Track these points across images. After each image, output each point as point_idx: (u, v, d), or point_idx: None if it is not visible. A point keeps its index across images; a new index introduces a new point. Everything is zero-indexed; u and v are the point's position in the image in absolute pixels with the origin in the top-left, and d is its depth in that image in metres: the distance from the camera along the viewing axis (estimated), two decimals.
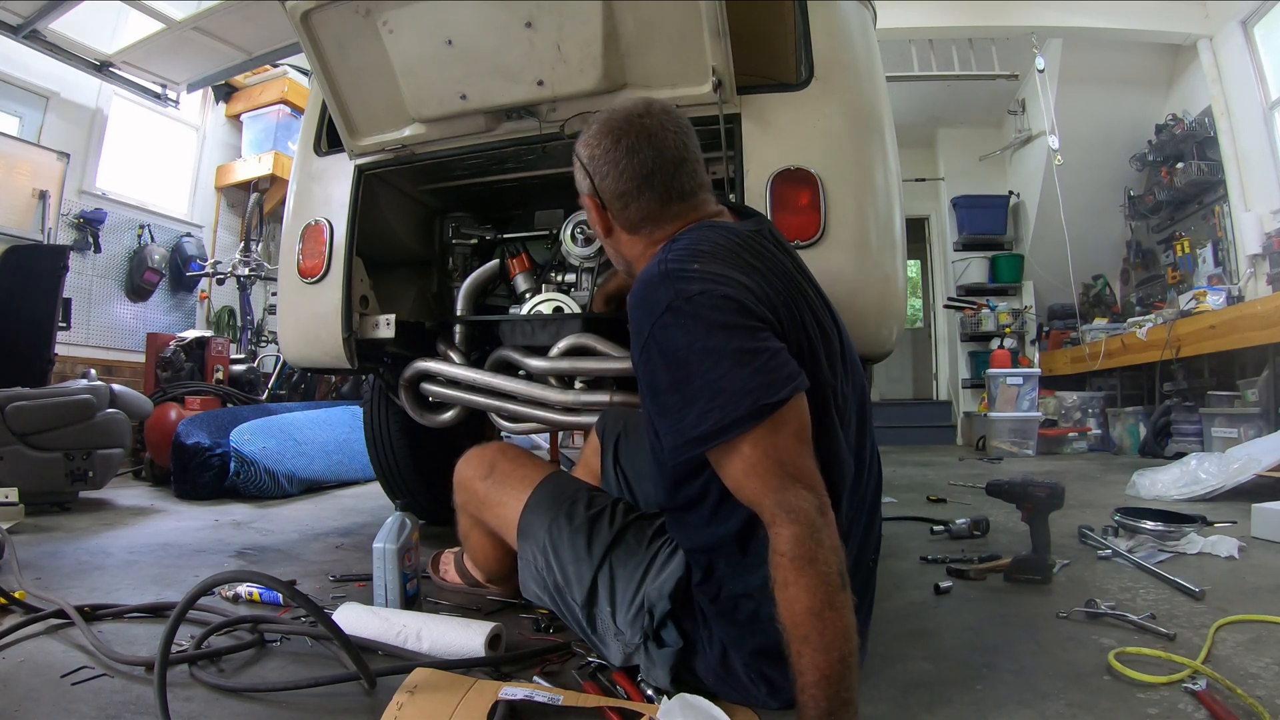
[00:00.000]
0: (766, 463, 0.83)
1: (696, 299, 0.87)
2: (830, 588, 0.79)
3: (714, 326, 0.86)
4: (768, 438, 0.84)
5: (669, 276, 0.91)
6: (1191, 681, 1.02)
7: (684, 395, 0.86)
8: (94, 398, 2.81)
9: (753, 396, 0.83)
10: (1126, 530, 2.05)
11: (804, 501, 0.82)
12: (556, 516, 1.14)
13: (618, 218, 1.07)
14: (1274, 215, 4.44)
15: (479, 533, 1.37)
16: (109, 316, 5.09)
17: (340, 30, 1.61)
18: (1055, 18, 5.03)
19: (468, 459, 1.32)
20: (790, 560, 0.79)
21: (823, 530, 0.81)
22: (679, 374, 0.86)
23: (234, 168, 6.00)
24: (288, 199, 2.02)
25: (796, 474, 0.84)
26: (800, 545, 0.79)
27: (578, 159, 1.09)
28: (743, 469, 0.84)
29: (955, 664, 1.15)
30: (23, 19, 3.98)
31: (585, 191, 1.08)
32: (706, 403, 0.84)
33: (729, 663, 0.98)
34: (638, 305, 0.92)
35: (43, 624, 1.29)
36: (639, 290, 0.94)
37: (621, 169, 1.03)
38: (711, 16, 1.41)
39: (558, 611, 1.16)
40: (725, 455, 0.86)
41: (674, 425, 0.87)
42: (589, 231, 1.85)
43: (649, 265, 0.96)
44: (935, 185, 7.37)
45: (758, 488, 0.84)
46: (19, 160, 4.45)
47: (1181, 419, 4.40)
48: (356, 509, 2.83)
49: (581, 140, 1.08)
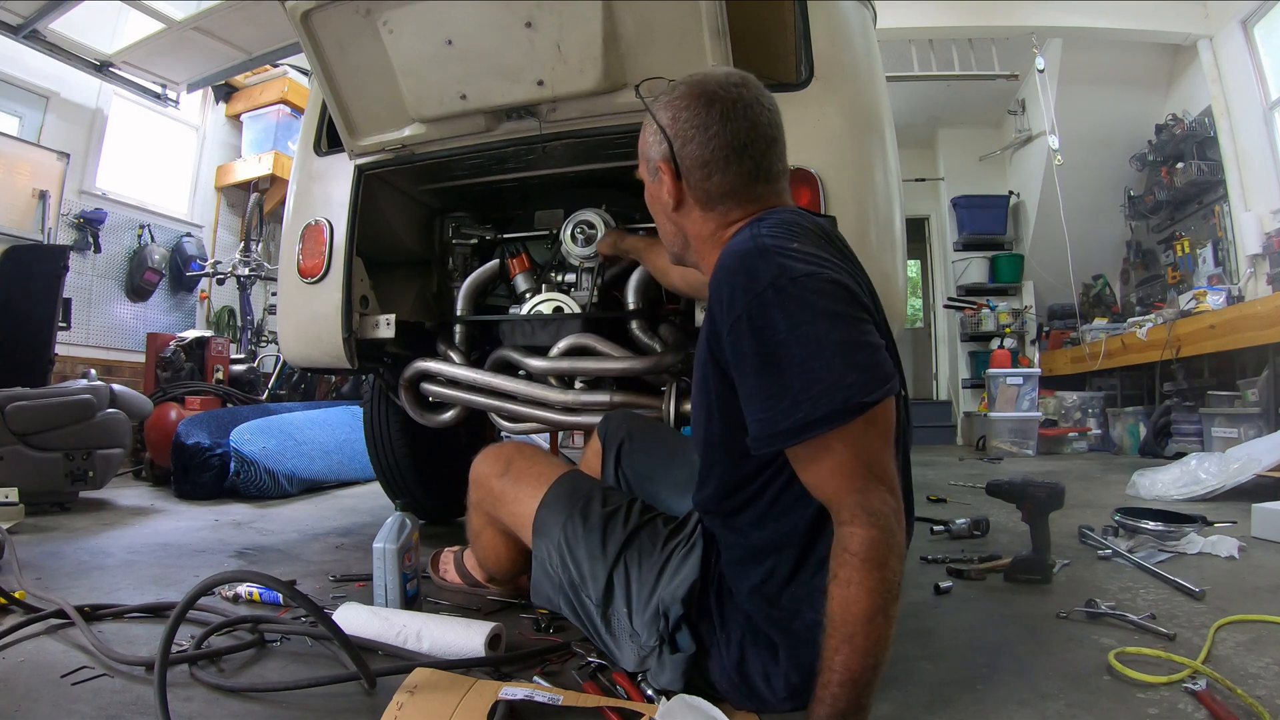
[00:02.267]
0: (854, 462, 0.80)
1: (803, 280, 0.82)
2: (889, 596, 0.78)
3: (819, 313, 0.81)
4: (859, 436, 0.80)
5: (770, 252, 0.84)
6: (1191, 681, 1.02)
7: (777, 382, 0.81)
8: (94, 398, 2.81)
9: (849, 392, 0.79)
10: (1126, 530, 2.05)
11: (884, 505, 0.80)
12: (572, 514, 1.12)
13: (695, 189, 0.99)
14: (1274, 215, 4.44)
15: (492, 531, 1.35)
16: (109, 316, 5.09)
17: (340, 30, 1.61)
18: (1055, 18, 5.03)
19: (484, 456, 1.29)
20: (861, 561, 0.77)
21: (896, 536, 0.79)
22: (774, 359, 0.81)
23: (234, 168, 6.00)
24: (288, 199, 2.02)
25: (880, 475, 0.81)
26: (874, 549, 0.77)
27: (654, 121, 1.00)
28: (830, 466, 0.81)
29: (955, 664, 1.15)
30: (23, 19, 3.98)
31: (658, 157, 1.00)
32: (801, 393, 0.79)
33: (746, 668, 0.96)
34: (730, 277, 0.86)
35: (43, 624, 1.29)
36: (731, 262, 0.87)
37: (711, 135, 0.96)
38: (711, 16, 1.41)
39: (571, 614, 1.14)
40: (812, 450, 0.82)
41: (762, 414, 0.82)
42: (589, 231, 1.85)
43: (740, 239, 0.90)
44: (935, 185, 7.37)
45: (840, 486, 0.81)
46: (19, 160, 4.45)
47: (1181, 419, 4.40)
48: (356, 509, 2.83)
49: (663, 102, 1.00)
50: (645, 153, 1.03)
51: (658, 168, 1.01)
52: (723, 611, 0.99)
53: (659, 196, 1.03)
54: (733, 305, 0.84)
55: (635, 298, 1.80)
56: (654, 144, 1.01)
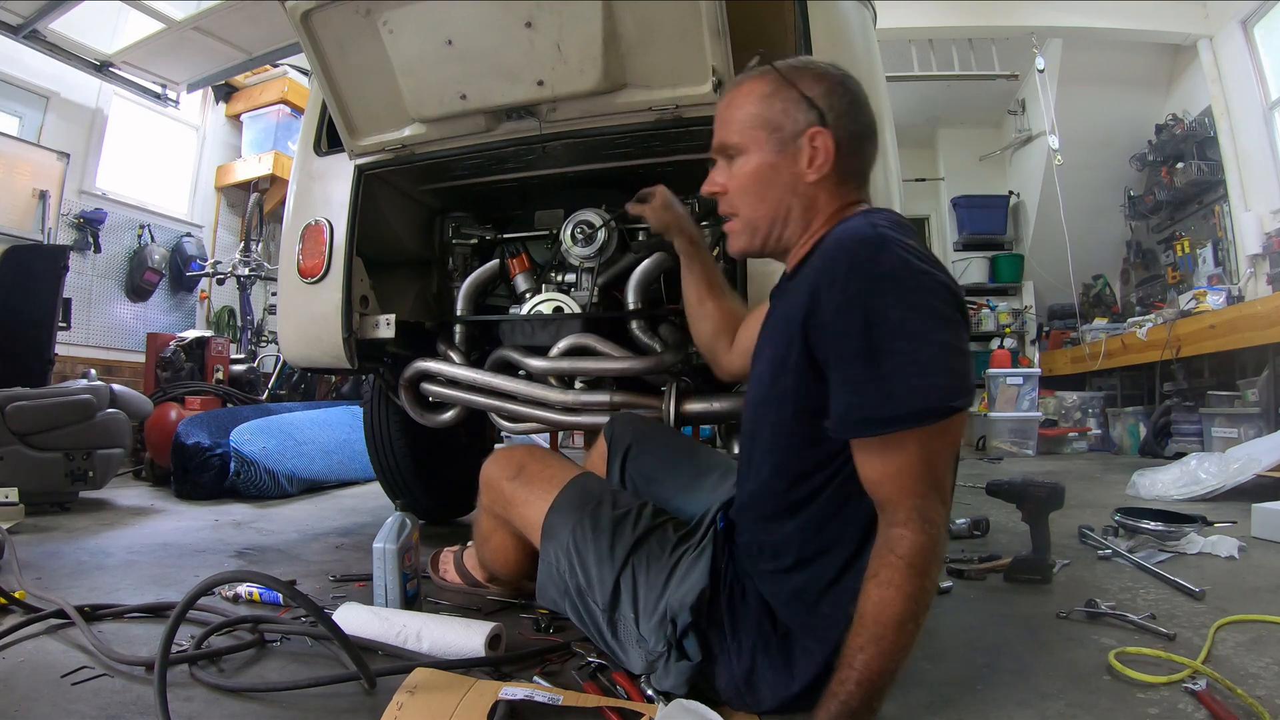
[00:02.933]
0: (921, 466, 0.81)
1: (920, 277, 0.83)
2: (924, 604, 0.79)
3: (928, 311, 0.82)
4: (932, 441, 0.81)
5: (890, 242, 0.84)
6: (1191, 681, 1.02)
7: (875, 370, 0.80)
8: (94, 398, 2.81)
9: (940, 394, 0.80)
10: (1126, 530, 2.05)
11: (938, 514, 0.81)
12: (581, 518, 1.11)
13: (842, 161, 0.97)
14: (1274, 215, 4.44)
15: (503, 534, 1.34)
16: (109, 316, 5.09)
17: (340, 30, 1.61)
18: (1055, 18, 5.03)
19: (495, 459, 1.29)
20: (907, 565, 0.78)
21: (941, 547, 0.80)
22: (878, 345, 0.80)
23: (234, 168, 6.00)
24: (288, 199, 2.02)
25: (939, 485, 0.82)
26: (921, 555, 0.78)
27: (795, 90, 0.97)
28: (898, 465, 0.81)
29: (955, 664, 1.15)
30: (23, 19, 3.98)
31: (802, 125, 0.97)
32: (897, 384, 0.79)
33: (755, 678, 0.96)
34: (848, 256, 0.85)
35: (43, 624, 1.29)
36: (850, 244, 0.86)
37: (857, 114, 0.98)
38: (711, 16, 1.41)
39: (576, 618, 1.13)
40: (886, 444, 0.82)
41: (853, 397, 0.82)
42: (589, 231, 1.85)
43: (856, 224, 0.89)
44: (935, 185, 7.37)
45: (903, 487, 0.81)
46: (19, 160, 4.45)
47: (1181, 419, 4.40)
48: (356, 509, 2.83)
49: (801, 76, 0.98)
50: (772, 122, 0.98)
51: (797, 136, 0.97)
52: (735, 619, 0.98)
53: (786, 168, 0.98)
54: (846, 285, 0.83)
55: (635, 298, 1.80)
56: (793, 113, 0.97)
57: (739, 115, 1.00)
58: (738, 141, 1.00)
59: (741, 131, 1.00)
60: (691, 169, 1.88)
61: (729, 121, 1.01)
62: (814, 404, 0.88)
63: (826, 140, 0.96)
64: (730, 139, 1.01)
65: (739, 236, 1.04)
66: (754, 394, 1.02)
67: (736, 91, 1.02)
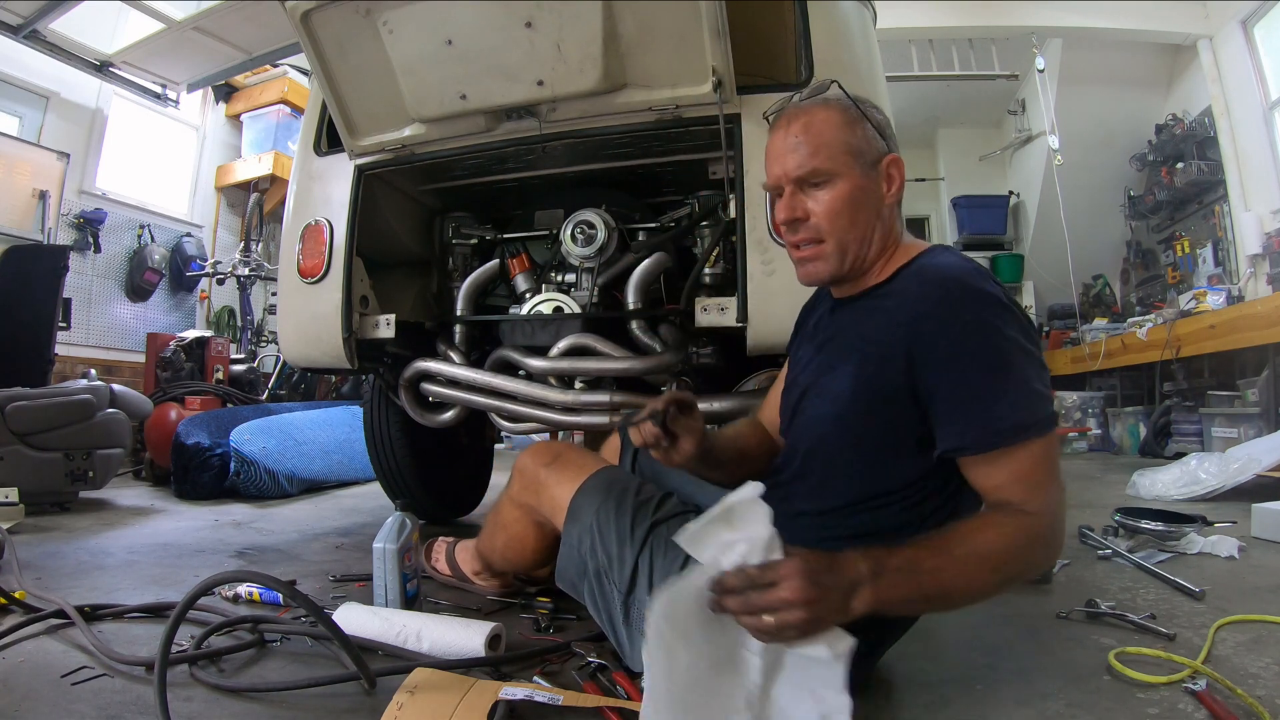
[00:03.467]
0: (1046, 464, 0.89)
1: (1014, 308, 0.92)
2: (1010, 568, 0.85)
3: (1029, 338, 0.91)
4: (1051, 444, 0.90)
5: (988, 276, 0.94)
6: (1191, 681, 1.02)
7: (1000, 384, 0.87)
8: (94, 398, 2.81)
9: (1049, 406, 0.90)
10: (1126, 530, 2.05)
11: (1061, 508, 0.89)
12: (607, 499, 1.13)
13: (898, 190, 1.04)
14: (1274, 215, 4.44)
15: (525, 523, 1.34)
16: (109, 316, 5.09)
17: (340, 30, 1.61)
18: (1055, 18, 5.03)
19: (533, 450, 1.31)
20: (1026, 528, 0.85)
21: (1054, 543, 0.89)
22: (1002, 362, 0.88)
23: (234, 168, 6.00)
24: (288, 199, 2.02)
25: (1058, 479, 0.90)
26: (1039, 531, 0.86)
27: (865, 117, 1.02)
28: (1026, 468, 0.88)
29: (955, 664, 1.15)
30: (23, 19, 3.98)
31: (881, 152, 1.02)
32: (1020, 398, 0.87)
33: None
34: (958, 286, 0.91)
35: (43, 624, 1.29)
36: (956, 274, 0.93)
37: (893, 135, 1.05)
38: (711, 16, 1.41)
39: (591, 603, 1.13)
40: (1014, 451, 0.88)
41: (982, 413, 0.88)
42: (589, 231, 1.85)
43: (951, 260, 0.97)
44: (935, 185, 7.38)
45: (1032, 485, 0.87)
46: (19, 160, 4.45)
47: (1181, 419, 4.40)
48: (356, 509, 2.83)
49: (866, 106, 1.03)
50: (856, 149, 1.00)
51: (877, 163, 1.02)
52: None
53: (875, 193, 1.02)
54: (963, 308, 0.90)
55: (635, 298, 1.80)
56: (872, 141, 1.02)
57: (827, 141, 1.00)
58: (830, 167, 1.00)
59: (834, 157, 1.00)
60: (691, 169, 1.88)
61: (817, 149, 1.00)
62: (912, 422, 0.93)
63: (901, 167, 1.03)
64: (823, 164, 1.00)
65: (829, 260, 1.02)
66: (827, 408, 1.01)
67: (811, 118, 1.01)
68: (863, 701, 1.00)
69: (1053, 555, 0.92)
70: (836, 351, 1.04)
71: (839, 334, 1.06)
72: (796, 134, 1.01)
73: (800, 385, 1.09)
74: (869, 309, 1.01)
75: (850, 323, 1.04)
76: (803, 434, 1.07)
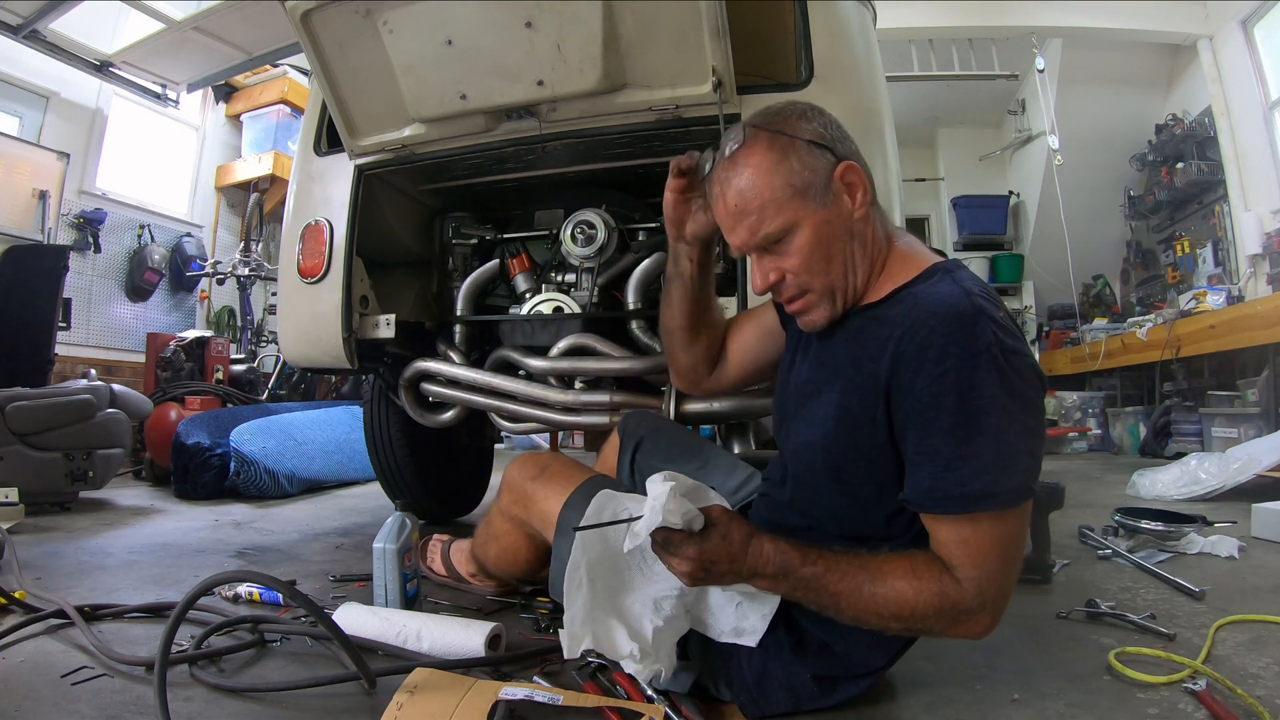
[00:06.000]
0: (992, 543, 0.82)
1: (1014, 357, 0.81)
2: (909, 625, 0.85)
3: (1018, 393, 0.81)
4: (1012, 523, 0.83)
5: (985, 315, 0.82)
6: (1191, 681, 1.02)
7: (965, 446, 0.80)
8: (94, 398, 2.81)
9: (1023, 477, 0.82)
10: (1126, 530, 2.05)
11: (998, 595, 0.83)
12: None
13: (869, 184, 0.94)
14: (1274, 215, 4.44)
15: (517, 535, 1.35)
16: (109, 316, 5.09)
17: (340, 30, 1.61)
18: (1055, 18, 5.03)
19: (520, 462, 1.32)
20: (938, 599, 0.82)
21: (973, 625, 0.84)
22: (970, 422, 0.80)
23: (234, 168, 6.00)
24: (288, 199, 2.02)
25: (1007, 562, 0.84)
26: (953, 607, 0.82)
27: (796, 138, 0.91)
28: (976, 538, 0.82)
29: (955, 664, 1.15)
30: (23, 19, 3.98)
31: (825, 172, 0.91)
32: (988, 464, 0.80)
33: (767, 683, 0.96)
34: (945, 327, 0.82)
35: (43, 624, 1.29)
36: (947, 314, 0.83)
37: (841, 127, 0.94)
38: (711, 16, 1.41)
39: None
40: (966, 521, 0.82)
41: (941, 473, 0.82)
42: (589, 231, 1.85)
43: (949, 290, 0.86)
44: (935, 185, 7.38)
45: (969, 558, 0.82)
46: (19, 160, 4.45)
47: (1181, 419, 4.40)
48: (356, 509, 2.83)
49: (787, 123, 0.93)
50: (801, 186, 0.91)
51: (828, 182, 0.91)
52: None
53: (838, 218, 0.92)
54: (942, 358, 0.81)
55: (635, 298, 1.80)
56: (810, 162, 0.91)
57: (768, 198, 0.91)
58: (783, 222, 0.91)
59: (781, 209, 0.91)
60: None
61: (760, 210, 0.92)
62: (884, 470, 0.89)
63: (856, 171, 0.92)
64: (774, 226, 0.91)
65: (822, 305, 0.95)
66: (812, 434, 0.96)
67: (740, 177, 0.92)
68: (863, 701, 1.00)
69: (964, 631, 0.84)
70: (825, 374, 0.98)
71: (830, 355, 0.99)
72: (734, 202, 0.93)
73: (791, 396, 1.05)
74: (860, 330, 0.94)
75: (842, 341, 0.97)
76: (791, 455, 1.03)
